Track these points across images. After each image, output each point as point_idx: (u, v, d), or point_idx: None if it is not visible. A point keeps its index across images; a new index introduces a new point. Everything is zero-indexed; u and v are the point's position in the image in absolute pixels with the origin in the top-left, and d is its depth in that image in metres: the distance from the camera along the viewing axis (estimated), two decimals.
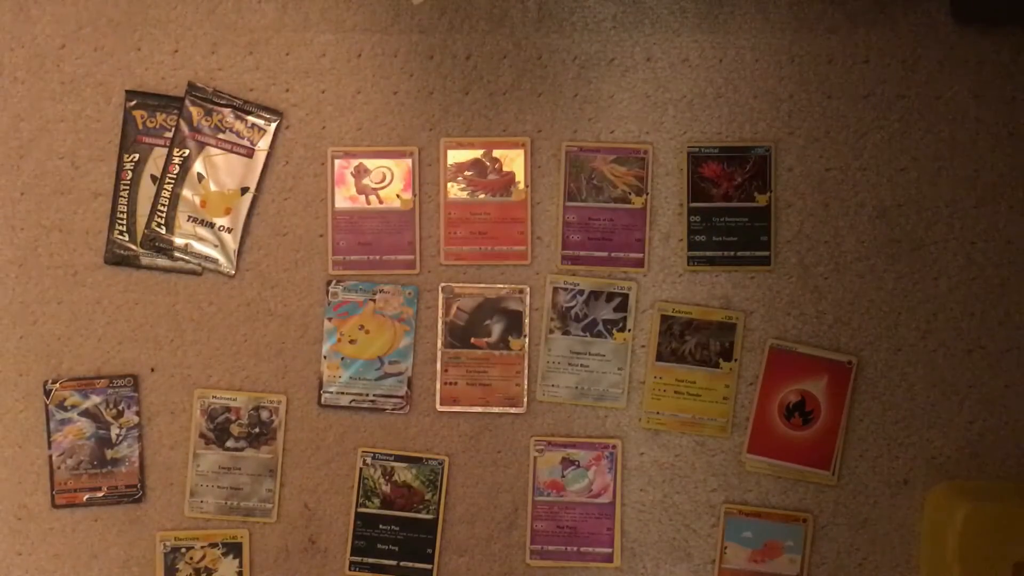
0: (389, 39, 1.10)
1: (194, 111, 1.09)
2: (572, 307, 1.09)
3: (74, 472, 1.10)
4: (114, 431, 1.10)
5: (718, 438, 1.09)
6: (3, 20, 1.10)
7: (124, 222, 1.10)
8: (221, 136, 1.09)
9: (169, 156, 1.09)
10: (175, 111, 1.09)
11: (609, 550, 1.09)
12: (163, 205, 1.09)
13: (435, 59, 1.10)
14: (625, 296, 1.09)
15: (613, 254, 1.09)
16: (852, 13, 1.09)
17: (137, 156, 1.10)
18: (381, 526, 1.09)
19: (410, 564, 1.09)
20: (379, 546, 1.09)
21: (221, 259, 1.09)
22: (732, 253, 1.09)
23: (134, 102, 1.09)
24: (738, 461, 1.09)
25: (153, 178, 1.09)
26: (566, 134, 1.10)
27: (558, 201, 1.09)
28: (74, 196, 1.10)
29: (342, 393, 1.10)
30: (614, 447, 1.09)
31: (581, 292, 1.09)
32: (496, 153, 1.10)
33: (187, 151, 1.09)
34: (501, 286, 1.09)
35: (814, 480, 1.08)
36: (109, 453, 1.10)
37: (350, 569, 1.10)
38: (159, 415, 1.10)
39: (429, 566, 1.09)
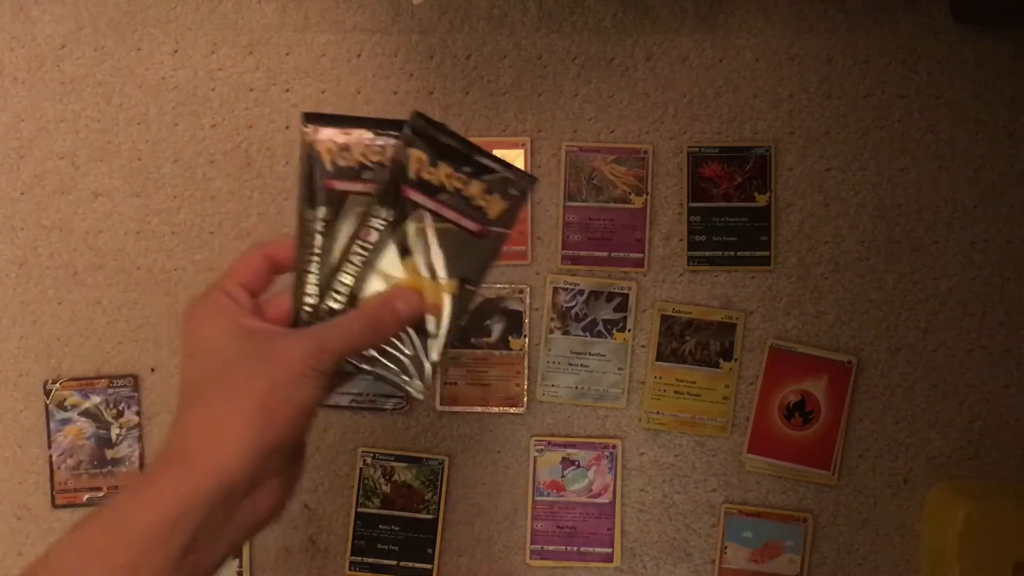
0: (389, 39, 1.10)
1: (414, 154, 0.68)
2: (572, 307, 1.09)
3: (74, 472, 1.10)
4: (114, 431, 1.10)
5: (718, 438, 1.09)
6: (3, 20, 1.10)
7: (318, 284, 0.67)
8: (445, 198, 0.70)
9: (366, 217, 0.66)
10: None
11: (609, 550, 1.09)
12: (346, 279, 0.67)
13: (435, 59, 1.10)
14: (625, 296, 1.09)
15: (613, 254, 1.09)
16: (852, 13, 1.09)
17: (326, 209, 0.66)
18: (381, 526, 1.09)
19: (410, 564, 1.09)
20: (379, 546, 1.09)
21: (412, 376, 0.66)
22: (732, 253, 1.09)
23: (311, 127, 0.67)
24: (738, 461, 1.09)
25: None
26: (566, 134, 1.10)
27: (558, 201, 1.09)
28: (74, 196, 1.10)
29: (342, 393, 1.09)
30: (614, 447, 1.09)
31: (581, 292, 1.09)
32: (496, 153, 1.09)
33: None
34: (501, 286, 1.09)
35: (814, 480, 1.08)
36: (109, 453, 1.10)
37: (350, 569, 1.10)
38: (159, 415, 1.10)
39: (429, 566, 1.09)
